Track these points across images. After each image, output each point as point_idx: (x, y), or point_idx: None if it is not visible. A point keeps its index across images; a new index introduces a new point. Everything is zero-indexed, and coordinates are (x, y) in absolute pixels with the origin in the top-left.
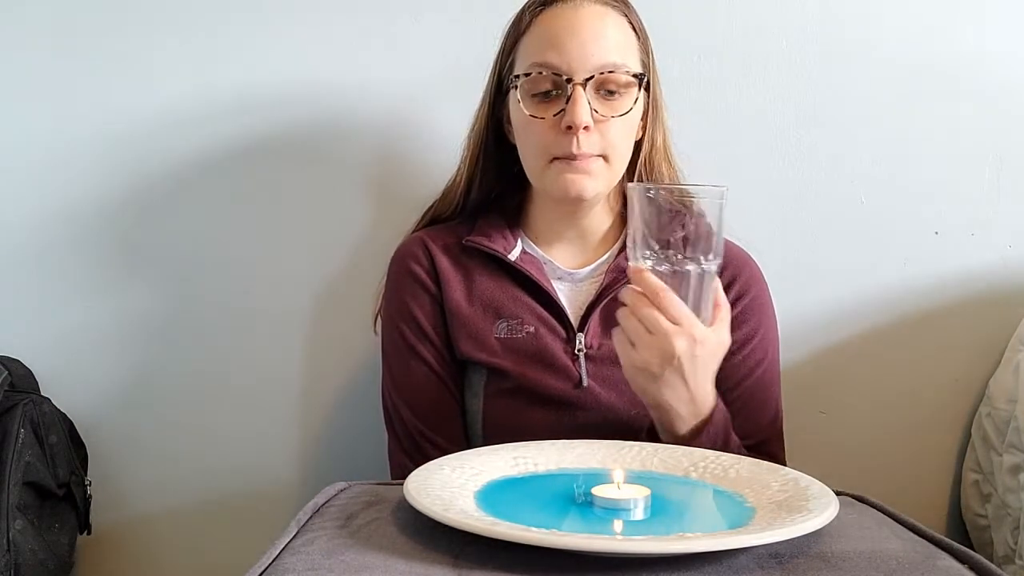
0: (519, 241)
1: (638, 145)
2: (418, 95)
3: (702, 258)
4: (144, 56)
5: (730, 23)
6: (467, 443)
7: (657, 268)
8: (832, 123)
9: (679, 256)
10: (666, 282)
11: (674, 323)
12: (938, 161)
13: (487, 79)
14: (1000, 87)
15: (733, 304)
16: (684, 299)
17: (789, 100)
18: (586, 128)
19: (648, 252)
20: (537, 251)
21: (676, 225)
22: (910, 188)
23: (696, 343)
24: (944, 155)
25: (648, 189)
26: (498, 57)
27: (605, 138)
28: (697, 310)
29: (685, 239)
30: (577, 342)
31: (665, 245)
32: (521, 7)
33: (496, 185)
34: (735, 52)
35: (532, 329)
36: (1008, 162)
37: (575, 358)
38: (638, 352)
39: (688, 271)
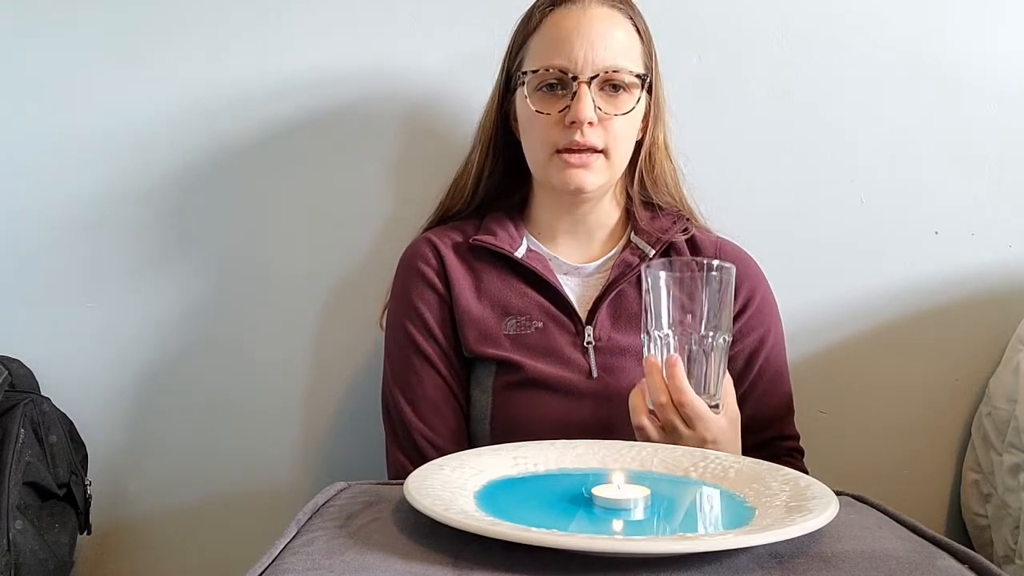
0: (524, 239)
1: (639, 144)
2: (435, 89)
3: (714, 333)
4: (150, 53)
5: (729, 23)
6: (471, 441)
7: (672, 344)
8: (832, 123)
9: (694, 332)
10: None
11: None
12: (938, 161)
13: (496, 75)
14: (1000, 87)
15: (741, 311)
16: (699, 374)
17: (789, 100)
18: (590, 124)
19: (664, 327)
20: (542, 248)
21: (692, 301)
22: (910, 188)
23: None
24: (944, 155)
25: (666, 264)
26: (507, 54)
27: (608, 133)
28: (709, 384)
29: (699, 314)
30: (586, 335)
31: (680, 321)
32: (531, 6)
33: (502, 179)
34: (734, 53)
35: (540, 324)
36: (1008, 162)
37: (584, 351)
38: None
39: (703, 346)
